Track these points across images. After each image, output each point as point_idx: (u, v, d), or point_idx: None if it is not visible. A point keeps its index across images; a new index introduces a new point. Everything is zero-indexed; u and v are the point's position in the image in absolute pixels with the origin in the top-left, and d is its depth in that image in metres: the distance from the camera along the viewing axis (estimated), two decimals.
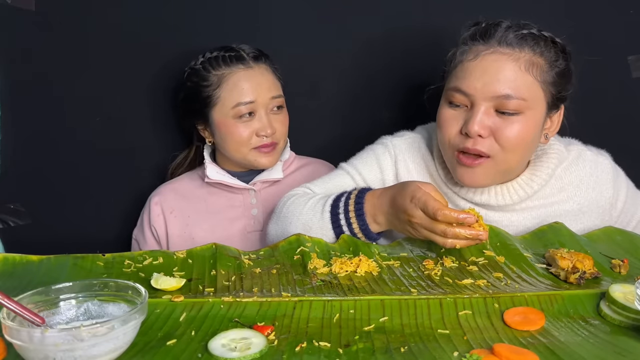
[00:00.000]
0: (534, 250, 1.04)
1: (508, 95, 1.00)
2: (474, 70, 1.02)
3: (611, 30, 1.47)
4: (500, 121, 1.02)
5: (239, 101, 1.27)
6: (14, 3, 1.35)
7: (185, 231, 1.34)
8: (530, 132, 1.04)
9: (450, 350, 0.71)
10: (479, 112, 1.02)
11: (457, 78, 1.05)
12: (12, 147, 1.39)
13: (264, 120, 1.28)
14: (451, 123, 1.06)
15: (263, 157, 1.31)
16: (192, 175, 1.40)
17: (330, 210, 1.05)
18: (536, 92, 1.03)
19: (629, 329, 0.77)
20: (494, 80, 1.01)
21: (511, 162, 1.06)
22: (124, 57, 1.42)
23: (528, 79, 1.02)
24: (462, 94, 1.03)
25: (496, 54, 1.02)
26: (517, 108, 1.01)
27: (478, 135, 1.02)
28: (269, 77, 1.31)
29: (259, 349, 0.70)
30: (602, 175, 1.15)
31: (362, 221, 1.03)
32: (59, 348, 0.64)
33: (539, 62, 1.03)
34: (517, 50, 1.02)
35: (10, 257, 0.95)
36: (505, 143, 1.02)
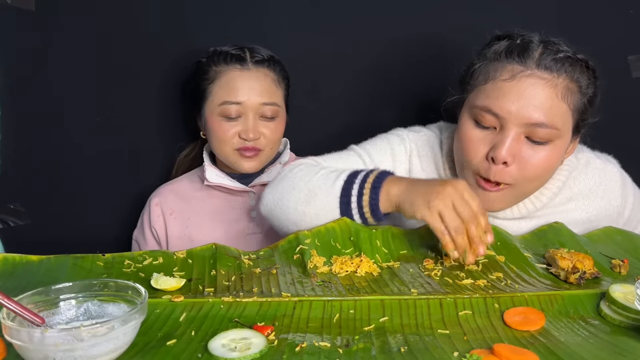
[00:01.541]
0: (534, 250, 1.04)
1: (542, 124, 0.96)
2: (509, 92, 0.97)
3: (611, 30, 1.47)
4: (528, 149, 0.98)
5: (226, 99, 1.27)
6: (14, 3, 1.35)
7: (185, 233, 1.34)
8: (555, 161, 1.01)
9: (450, 350, 0.71)
10: (509, 138, 0.97)
11: (487, 97, 0.99)
12: (12, 147, 1.39)
13: (250, 124, 1.27)
14: (477, 146, 1.00)
15: (245, 161, 1.30)
16: (191, 177, 1.40)
17: (345, 179, 0.98)
18: (567, 120, 0.99)
19: (629, 329, 0.77)
20: (529, 105, 0.96)
21: (530, 189, 1.05)
22: (124, 58, 1.42)
23: (563, 107, 0.98)
24: (493, 115, 0.98)
25: (534, 77, 0.97)
26: (548, 137, 0.97)
27: (503, 162, 0.98)
28: (266, 83, 1.29)
29: (259, 349, 0.70)
30: (610, 184, 1.14)
31: (375, 194, 0.95)
32: (59, 348, 0.64)
33: (573, 89, 0.99)
34: (555, 75, 0.97)
35: (10, 257, 0.95)
36: (530, 172, 0.99)
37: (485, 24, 1.27)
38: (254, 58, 1.29)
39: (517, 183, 1.00)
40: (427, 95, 1.49)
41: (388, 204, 0.96)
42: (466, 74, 1.06)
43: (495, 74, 0.99)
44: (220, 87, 1.28)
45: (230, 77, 1.27)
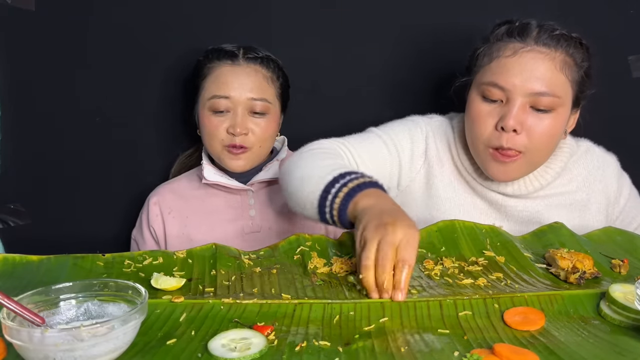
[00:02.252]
0: (534, 250, 1.04)
1: (544, 93, 1.05)
2: (513, 67, 1.06)
3: (611, 30, 1.47)
4: (534, 117, 1.07)
5: (215, 94, 1.27)
6: (14, 3, 1.35)
7: (183, 232, 1.34)
8: (559, 128, 1.09)
9: (450, 350, 0.71)
10: (516, 107, 1.06)
11: (493, 73, 1.08)
12: (12, 147, 1.39)
13: (238, 119, 1.27)
14: (486, 119, 1.09)
15: (232, 159, 1.29)
16: (190, 176, 1.40)
17: (335, 176, 0.98)
18: (567, 90, 1.08)
19: (629, 329, 0.77)
20: (532, 77, 1.05)
21: (540, 157, 1.11)
22: (124, 57, 1.42)
23: (562, 77, 1.07)
24: (499, 88, 1.07)
25: (534, 52, 1.06)
26: (551, 105, 1.06)
27: (513, 131, 1.05)
28: (257, 79, 1.29)
29: (258, 349, 0.70)
30: (608, 169, 1.22)
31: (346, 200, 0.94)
32: (59, 348, 0.64)
33: (570, 62, 1.08)
34: (553, 49, 1.07)
35: (10, 257, 0.95)
36: (537, 139, 1.07)
37: (486, 24, 1.28)
38: (247, 55, 1.30)
39: (527, 150, 1.07)
40: (427, 95, 1.49)
41: (351, 213, 0.93)
42: (471, 58, 1.15)
43: (498, 52, 1.08)
44: (211, 81, 1.29)
45: (221, 72, 1.28)
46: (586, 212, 1.19)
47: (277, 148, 1.43)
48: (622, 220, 1.23)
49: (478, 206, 1.19)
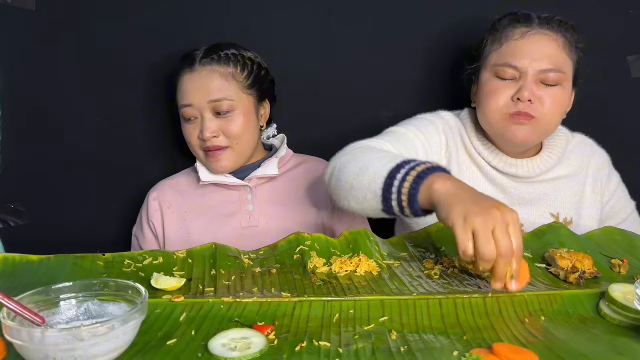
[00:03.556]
0: (534, 250, 1.04)
1: (551, 69, 1.17)
2: (522, 48, 1.19)
3: (611, 30, 1.47)
4: (544, 91, 1.18)
5: (181, 104, 1.30)
6: (14, 3, 1.35)
7: (182, 227, 1.34)
8: (565, 101, 1.22)
9: (450, 350, 0.71)
10: (529, 82, 1.17)
11: (505, 55, 1.20)
12: (12, 147, 1.39)
13: (205, 124, 1.27)
14: (502, 91, 1.19)
15: (213, 162, 1.30)
16: (190, 172, 1.41)
17: (399, 162, 0.96)
18: (569, 68, 1.21)
19: (629, 329, 0.77)
20: (540, 56, 1.18)
21: (549, 125, 1.21)
22: (124, 57, 1.42)
23: (564, 56, 1.20)
24: (512, 68, 1.18)
25: (539, 34, 1.19)
26: (557, 80, 1.18)
27: (528, 101, 1.16)
28: (214, 80, 1.28)
29: (259, 348, 0.70)
30: (599, 159, 1.34)
31: (417, 184, 0.90)
32: (59, 348, 0.64)
33: (569, 44, 1.21)
34: (555, 32, 1.20)
35: (10, 257, 0.95)
36: (549, 107, 1.18)
37: (486, 24, 1.28)
38: (203, 59, 1.29)
39: (540, 118, 1.18)
40: (427, 95, 1.49)
41: (426, 198, 0.89)
42: (480, 46, 1.27)
43: (507, 37, 1.21)
44: (179, 92, 1.31)
45: (182, 81, 1.30)
46: (584, 194, 1.31)
47: (276, 146, 1.43)
48: (613, 207, 1.33)
49: (490, 192, 1.26)
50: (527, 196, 1.27)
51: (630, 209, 1.34)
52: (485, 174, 1.28)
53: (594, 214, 1.30)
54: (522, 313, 0.82)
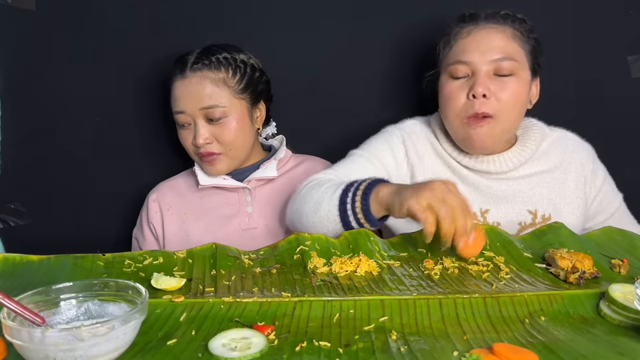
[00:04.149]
0: (534, 250, 1.04)
1: (502, 58, 1.17)
2: (471, 43, 1.19)
3: (611, 30, 1.47)
4: (499, 82, 1.17)
5: (174, 110, 1.30)
6: (14, 3, 1.35)
7: (182, 229, 1.34)
8: (522, 91, 1.19)
9: (450, 350, 0.71)
10: (481, 76, 1.17)
11: (456, 54, 1.21)
12: (12, 147, 1.39)
13: (198, 130, 1.27)
14: (457, 93, 1.19)
15: (207, 165, 1.31)
16: (189, 174, 1.41)
17: (343, 188, 1.07)
18: (522, 56, 1.20)
19: (629, 329, 0.77)
20: (488, 48, 1.18)
21: (509, 120, 1.19)
22: (124, 57, 1.42)
23: (514, 45, 1.19)
24: (463, 64, 1.19)
25: (486, 29, 1.20)
26: (511, 69, 1.17)
27: (482, 96, 1.16)
28: (204, 86, 1.26)
29: (259, 348, 0.70)
30: (582, 153, 1.31)
31: (365, 199, 1.03)
32: (59, 348, 0.64)
33: (518, 34, 1.21)
34: (501, 24, 1.20)
35: (10, 257, 0.95)
36: (505, 101, 1.17)
37: None
38: (194, 65, 1.27)
39: (497, 114, 1.17)
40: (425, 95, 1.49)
41: (378, 207, 1.02)
42: (435, 52, 1.28)
43: (456, 37, 1.22)
44: (172, 97, 1.31)
45: (175, 87, 1.30)
46: (565, 190, 1.27)
47: (275, 147, 1.43)
48: (600, 201, 1.30)
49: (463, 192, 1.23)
50: (501, 193, 1.25)
51: (618, 202, 1.32)
52: (457, 175, 1.27)
53: (575, 210, 1.27)
54: (522, 313, 0.82)
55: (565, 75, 1.48)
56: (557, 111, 1.44)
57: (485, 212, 1.24)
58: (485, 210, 1.24)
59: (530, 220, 1.24)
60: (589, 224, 1.31)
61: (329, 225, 1.07)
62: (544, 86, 1.33)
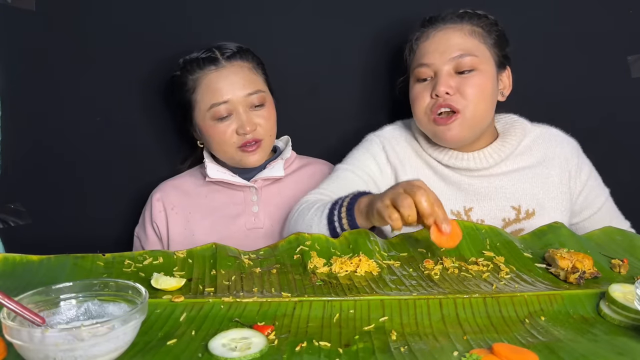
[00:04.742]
0: (534, 250, 1.04)
1: (461, 55, 1.19)
2: (430, 46, 1.22)
3: (611, 30, 1.47)
4: (461, 79, 1.19)
5: (213, 102, 1.28)
6: (14, 3, 1.35)
7: (186, 228, 1.34)
8: (487, 84, 1.21)
9: (450, 350, 0.71)
10: (442, 75, 1.19)
11: (418, 58, 1.24)
12: (12, 147, 1.39)
13: (243, 118, 1.28)
14: (422, 94, 1.22)
15: (248, 156, 1.31)
16: (194, 173, 1.41)
17: (329, 208, 1.10)
18: (483, 51, 1.22)
19: (629, 329, 0.77)
20: (447, 47, 1.20)
21: (477, 114, 1.20)
22: (124, 57, 1.42)
23: (473, 41, 1.21)
24: (425, 66, 1.22)
25: (443, 29, 1.22)
26: (472, 65, 1.19)
27: (446, 94, 1.18)
28: (245, 74, 1.30)
29: (259, 348, 0.70)
30: (566, 147, 1.31)
31: (350, 215, 1.06)
32: (59, 348, 0.64)
33: (478, 30, 1.22)
34: (459, 23, 1.22)
35: (10, 257, 0.95)
36: (469, 95, 1.18)
37: None
38: (225, 54, 1.30)
39: (464, 108, 1.19)
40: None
41: (362, 219, 1.05)
42: (404, 59, 1.31)
43: (417, 42, 1.26)
44: (203, 93, 1.29)
45: (209, 80, 1.28)
46: (549, 185, 1.27)
47: (280, 147, 1.43)
48: (586, 197, 1.30)
49: (445, 192, 1.27)
50: (484, 190, 1.26)
51: (604, 197, 1.32)
52: (439, 175, 1.28)
53: (560, 205, 1.27)
54: (522, 313, 0.82)
55: (565, 75, 1.48)
56: (557, 111, 1.44)
57: (468, 210, 1.26)
58: (469, 208, 1.26)
59: (514, 215, 1.25)
60: (575, 219, 1.32)
61: None
62: (544, 86, 1.33)
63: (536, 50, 1.45)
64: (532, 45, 1.44)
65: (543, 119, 1.35)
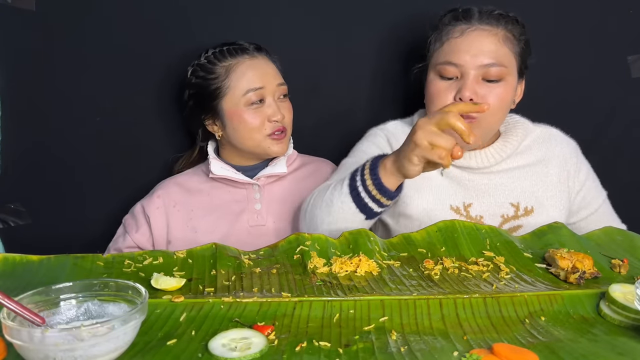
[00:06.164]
0: (534, 250, 1.04)
1: (492, 64, 1.17)
2: (462, 45, 1.18)
3: (611, 30, 1.47)
4: (486, 87, 1.18)
5: (249, 88, 1.30)
6: (14, 3, 1.35)
7: (189, 225, 1.34)
8: (509, 96, 1.21)
9: (450, 350, 0.71)
10: (470, 80, 1.17)
11: (446, 54, 1.20)
12: (12, 147, 1.39)
13: (274, 106, 1.31)
14: (445, 93, 1.20)
15: (276, 144, 1.33)
16: (196, 171, 1.42)
17: (349, 177, 1.09)
18: (511, 61, 1.20)
19: (629, 329, 0.77)
20: (479, 52, 1.17)
21: (492, 123, 1.22)
22: (124, 57, 1.42)
23: (505, 50, 1.19)
24: (453, 66, 1.19)
25: (478, 30, 1.19)
26: (499, 75, 1.18)
27: (469, 100, 1.16)
28: (272, 66, 1.35)
29: (259, 348, 0.70)
30: (566, 148, 1.32)
31: (375, 174, 1.04)
32: (59, 348, 0.64)
33: (510, 37, 1.20)
34: (494, 27, 1.19)
35: (10, 257, 0.95)
36: (491, 107, 1.17)
37: None
38: (251, 46, 1.34)
39: (481, 118, 1.18)
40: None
41: (390, 177, 1.03)
42: (424, 45, 1.27)
43: (448, 35, 1.21)
44: (238, 78, 1.30)
45: (245, 67, 1.31)
46: (548, 183, 1.28)
47: None
48: (584, 197, 1.31)
49: (446, 187, 1.28)
50: (483, 187, 1.27)
51: (602, 199, 1.33)
52: (439, 170, 1.28)
53: (558, 204, 1.27)
54: (522, 313, 0.82)
55: (565, 75, 1.48)
56: (557, 111, 1.44)
57: (468, 205, 1.26)
58: (468, 204, 1.26)
59: (512, 212, 1.26)
60: (573, 218, 1.32)
61: (346, 216, 1.07)
62: (544, 86, 1.33)
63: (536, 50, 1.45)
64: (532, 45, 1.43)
65: (543, 119, 1.35)
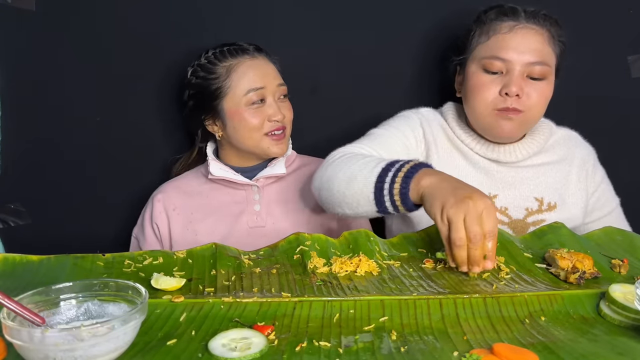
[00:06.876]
0: (534, 250, 1.04)
1: (538, 62, 1.20)
2: (510, 41, 1.21)
3: (611, 30, 1.47)
4: (530, 85, 1.21)
5: (250, 87, 1.30)
6: (14, 3, 1.35)
7: (188, 227, 1.34)
8: (549, 94, 1.25)
9: (450, 350, 0.71)
10: (516, 76, 1.20)
11: (492, 48, 1.23)
12: (12, 147, 1.39)
13: (275, 106, 1.32)
14: (489, 86, 1.22)
15: (275, 145, 1.33)
16: (195, 173, 1.41)
17: (383, 166, 1.04)
18: (553, 61, 1.24)
19: (629, 329, 0.77)
20: (526, 49, 1.20)
21: (534, 117, 1.26)
22: (124, 57, 1.42)
23: (549, 49, 1.23)
24: (499, 60, 1.21)
25: (526, 28, 1.22)
26: (543, 73, 1.21)
27: (515, 95, 1.19)
28: (272, 67, 1.36)
29: (259, 348, 0.70)
30: (584, 150, 1.37)
31: (406, 183, 0.99)
32: (59, 348, 0.64)
33: (552, 37, 1.24)
34: (540, 26, 1.23)
35: (10, 257, 0.95)
36: (535, 101, 1.22)
37: None
38: (251, 47, 1.34)
39: (527, 110, 1.22)
40: (427, 95, 1.49)
41: (416, 194, 0.98)
42: (466, 37, 1.29)
43: (495, 30, 1.23)
44: (238, 78, 1.31)
45: (245, 66, 1.31)
46: (569, 182, 1.32)
47: None
48: (598, 198, 1.35)
49: (474, 176, 1.30)
50: (510, 179, 1.29)
51: (615, 204, 1.37)
52: (468, 160, 1.31)
53: (578, 202, 1.31)
54: (522, 313, 0.82)
55: (565, 75, 1.48)
56: (557, 111, 1.44)
57: (493, 197, 1.28)
58: (494, 195, 1.28)
59: (536, 206, 1.29)
60: (586, 219, 1.35)
61: (360, 201, 1.05)
62: None
63: None
64: None
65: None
